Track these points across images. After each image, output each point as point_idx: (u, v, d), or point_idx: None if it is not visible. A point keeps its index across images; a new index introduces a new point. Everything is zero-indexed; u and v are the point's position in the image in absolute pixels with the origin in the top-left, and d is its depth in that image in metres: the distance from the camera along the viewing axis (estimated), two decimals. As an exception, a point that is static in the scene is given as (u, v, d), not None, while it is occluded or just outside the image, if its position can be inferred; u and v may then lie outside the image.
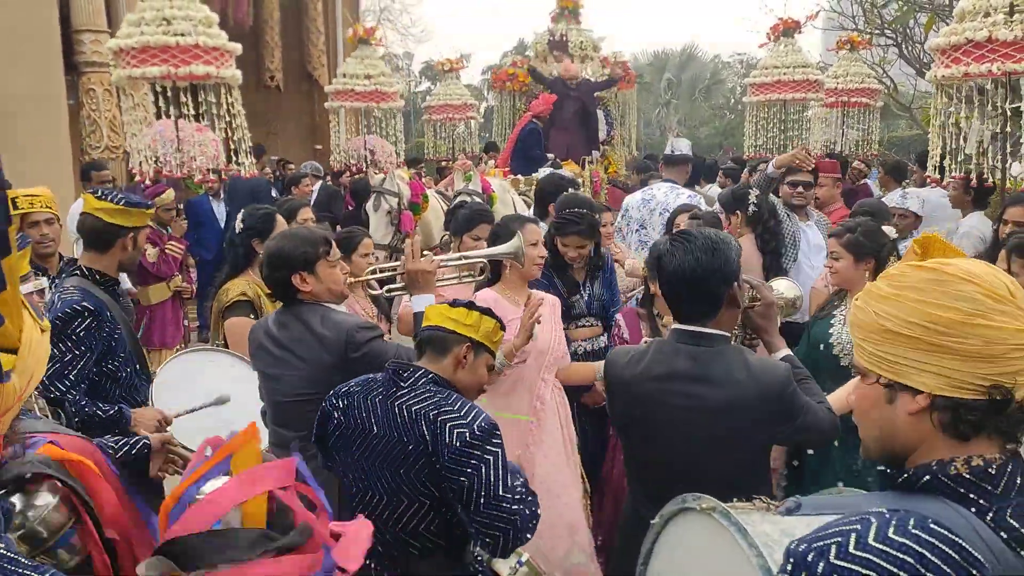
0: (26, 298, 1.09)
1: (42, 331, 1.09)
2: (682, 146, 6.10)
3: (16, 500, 1.28)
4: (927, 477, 1.11)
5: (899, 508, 1.07)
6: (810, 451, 3.17)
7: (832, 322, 3.30)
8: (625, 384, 2.22)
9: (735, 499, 1.51)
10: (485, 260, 3.19)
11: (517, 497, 1.99)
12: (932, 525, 1.03)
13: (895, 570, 1.00)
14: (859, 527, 1.05)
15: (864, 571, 1.01)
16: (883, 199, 6.90)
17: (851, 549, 1.03)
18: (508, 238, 3.15)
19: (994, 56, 4.56)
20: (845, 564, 1.02)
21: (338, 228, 5.97)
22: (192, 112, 5.89)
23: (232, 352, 3.25)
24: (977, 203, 5.09)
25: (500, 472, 1.98)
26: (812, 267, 4.44)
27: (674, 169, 5.84)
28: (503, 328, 2.29)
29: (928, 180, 5.09)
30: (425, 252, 2.89)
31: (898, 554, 1.01)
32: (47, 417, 2.18)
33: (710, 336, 2.11)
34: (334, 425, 2.20)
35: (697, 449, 2.08)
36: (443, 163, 11.37)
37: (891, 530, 1.03)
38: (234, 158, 6.40)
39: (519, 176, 8.19)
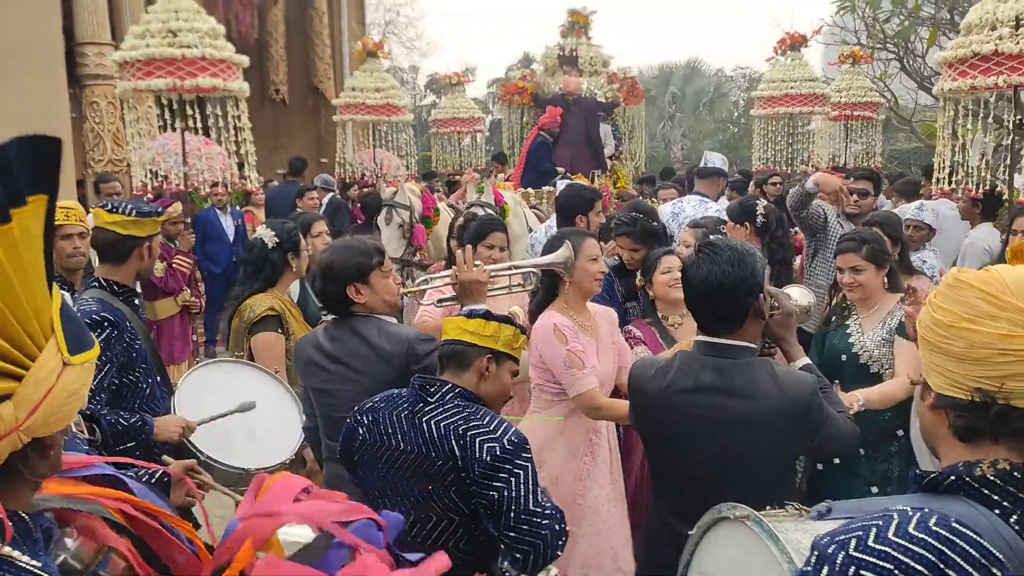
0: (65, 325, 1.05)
1: (64, 364, 1.03)
2: (715, 159, 6.16)
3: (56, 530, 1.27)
4: (952, 478, 1.13)
5: (923, 507, 1.09)
6: (836, 460, 3.15)
7: (849, 332, 3.31)
8: (650, 397, 2.20)
9: (768, 507, 1.54)
10: (535, 270, 3.13)
11: (547, 512, 1.97)
12: (954, 523, 1.04)
13: (914, 564, 1.02)
14: (880, 522, 1.07)
15: (882, 563, 1.03)
16: (894, 210, 6.90)
17: (871, 542, 1.05)
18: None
19: (1000, 69, 4.57)
20: (863, 556, 1.04)
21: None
22: (200, 125, 5.89)
23: (252, 364, 3.22)
24: (985, 215, 5.07)
25: (530, 486, 1.96)
26: None
27: (706, 182, 5.91)
28: (524, 333, 2.27)
29: (937, 192, 5.07)
30: (476, 263, 2.85)
31: (918, 549, 1.03)
32: (83, 433, 2.16)
33: (736, 348, 2.10)
34: (359, 442, 2.17)
35: (724, 462, 2.06)
36: (454, 176, 11.37)
37: (912, 526, 1.05)
38: (240, 171, 6.40)
39: (530, 189, 8.20)
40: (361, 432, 2.17)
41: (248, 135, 5.97)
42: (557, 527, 1.99)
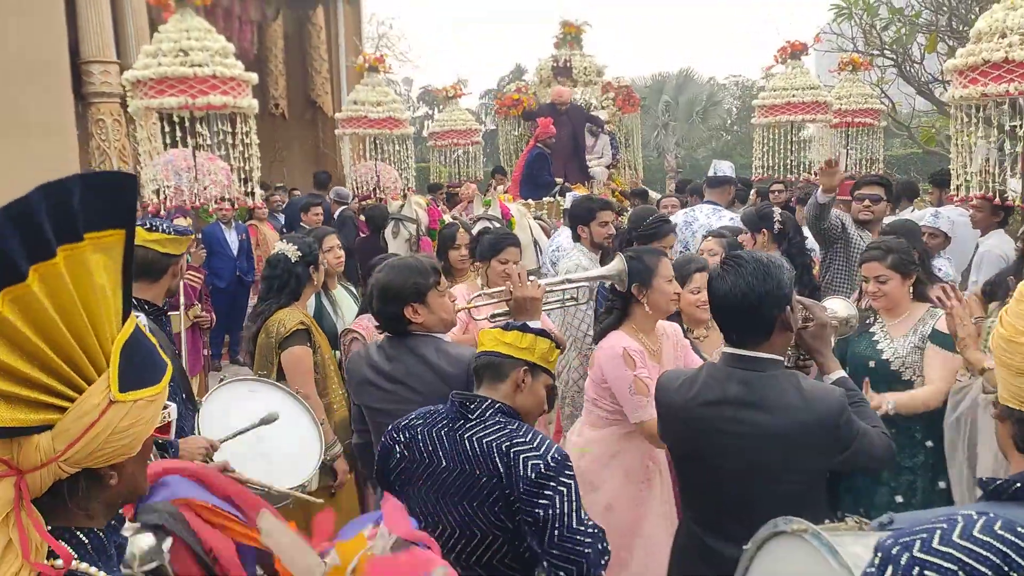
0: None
1: (111, 401, 1.02)
2: (724, 168, 6.17)
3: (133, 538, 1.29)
4: (1018, 485, 1.15)
5: (988, 512, 1.10)
6: None
7: (876, 339, 3.30)
8: (676, 410, 2.20)
9: (827, 520, 1.54)
10: (588, 284, 3.13)
11: (589, 531, 1.97)
12: (1019, 528, 1.05)
13: (977, 566, 1.02)
14: (945, 525, 1.08)
15: (946, 565, 1.03)
16: (904, 217, 6.94)
17: (935, 544, 1.06)
18: (646, 272, 2.99)
19: (1011, 77, 4.61)
20: (928, 558, 1.05)
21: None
22: (208, 142, 5.90)
23: (273, 382, 3.22)
24: (1000, 221, 5.09)
25: (574, 504, 1.96)
26: None
27: (717, 191, 5.92)
28: (560, 348, 2.27)
29: (957, 200, 5.10)
30: (531, 277, 2.85)
31: (982, 551, 1.03)
32: None
33: (762, 361, 2.08)
34: (396, 460, 2.17)
35: (749, 475, 2.05)
36: (453, 189, 11.38)
37: (976, 529, 1.05)
38: (245, 186, 6.39)
39: (529, 200, 8.23)
40: (399, 450, 2.17)
41: (256, 151, 5.99)
42: (600, 546, 1.98)
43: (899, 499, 3.14)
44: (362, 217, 8.57)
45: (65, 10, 8.22)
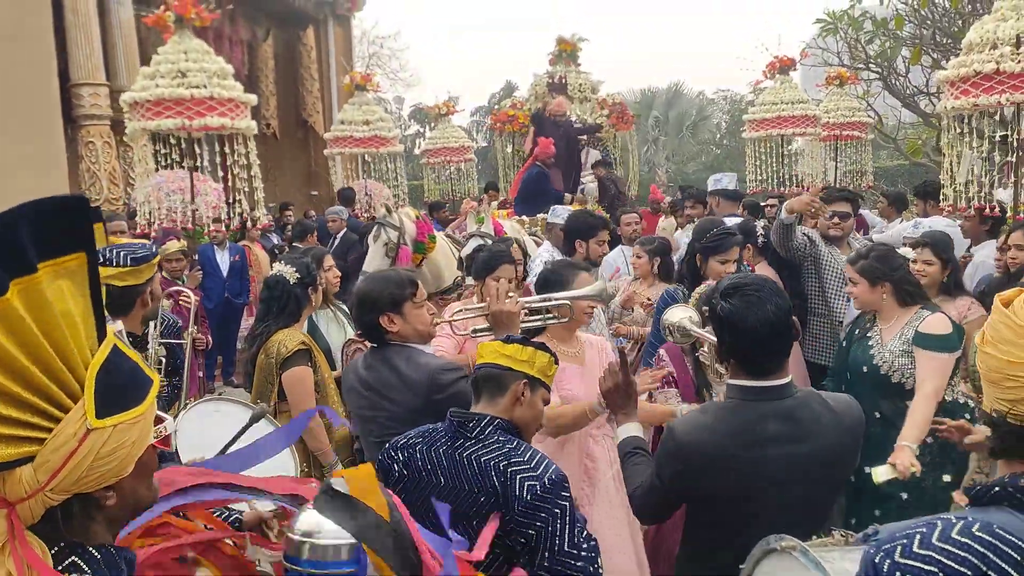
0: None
1: (89, 429, 1.00)
2: (726, 181, 6.29)
3: None
4: (997, 489, 1.15)
5: (967, 515, 1.12)
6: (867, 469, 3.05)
7: (871, 344, 3.35)
8: (710, 460, 1.98)
9: (815, 535, 1.55)
10: (569, 302, 3.14)
11: (582, 554, 1.95)
12: (997, 529, 1.07)
13: (957, 567, 1.05)
14: (925, 530, 1.10)
15: (927, 567, 1.06)
16: (884, 229, 6.99)
17: (915, 548, 1.08)
18: (561, 285, 3.10)
19: (1002, 88, 4.67)
20: (909, 562, 1.08)
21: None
22: (203, 163, 5.90)
23: (237, 400, 3.17)
24: (990, 232, 5.13)
25: (567, 527, 1.95)
26: None
27: (729, 203, 6.00)
28: (557, 362, 2.26)
29: (941, 210, 5.14)
30: (511, 294, 2.86)
31: (961, 552, 1.05)
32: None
33: (787, 386, 1.97)
34: (396, 478, 2.15)
35: (796, 502, 1.98)
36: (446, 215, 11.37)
37: (955, 531, 1.08)
38: (238, 206, 6.38)
39: (524, 217, 8.25)
40: (396, 469, 2.14)
41: (257, 171, 5.98)
42: (592, 568, 1.96)
43: (904, 496, 3.15)
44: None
45: (54, 33, 8.25)
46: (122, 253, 2.75)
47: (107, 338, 1.07)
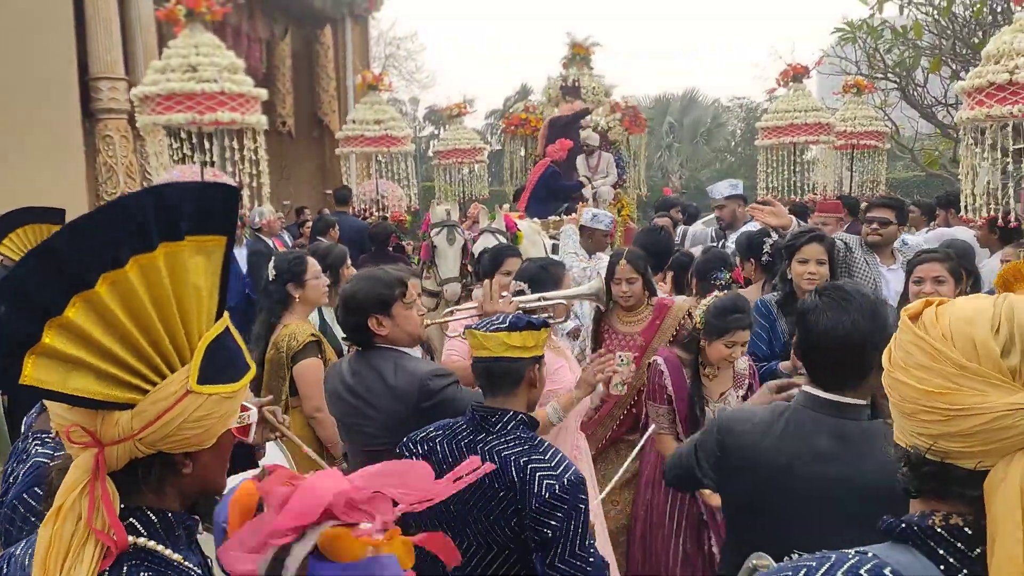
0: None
1: (188, 391, 1.08)
2: (727, 188, 6.41)
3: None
4: (903, 526, 1.04)
5: (867, 552, 1.03)
6: None
7: None
8: (754, 461, 1.89)
9: None
10: (565, 301, 3.12)
11: (590, 559, 1.96)
12: (887, 572, 0.99)
13: None
14: (813, 563, 1.04)
15: None
16: (907, 239, 6.94)
17: None
18: (553, 284, 3.09)
19: (1015, 98, 4.64)
20: None
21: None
22: (211, 158, 5.94)
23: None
24: (1004, 241, 5.10)
25: (582, 529, 1.95)
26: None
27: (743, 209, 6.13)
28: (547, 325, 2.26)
29: (963, 219, 5.10)
30: (504, 294, 2.85)
31: None
32: None
33: (855, 408, 1.83)
34: None
35: (837, 533, 1.81)
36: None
37: (842, 570, 1.00)
38: (252, 204, 6.42)
39: (535, 219, 8.22)
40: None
41: (265, 167, 6.02)
42: (598, 573, 1.97)
43: None
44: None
45: (75, 27, 8.36)
46: None
47: (223, 318, 1.17)
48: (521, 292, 3.17)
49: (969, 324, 0.96)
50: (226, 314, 1.18)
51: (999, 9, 9.95)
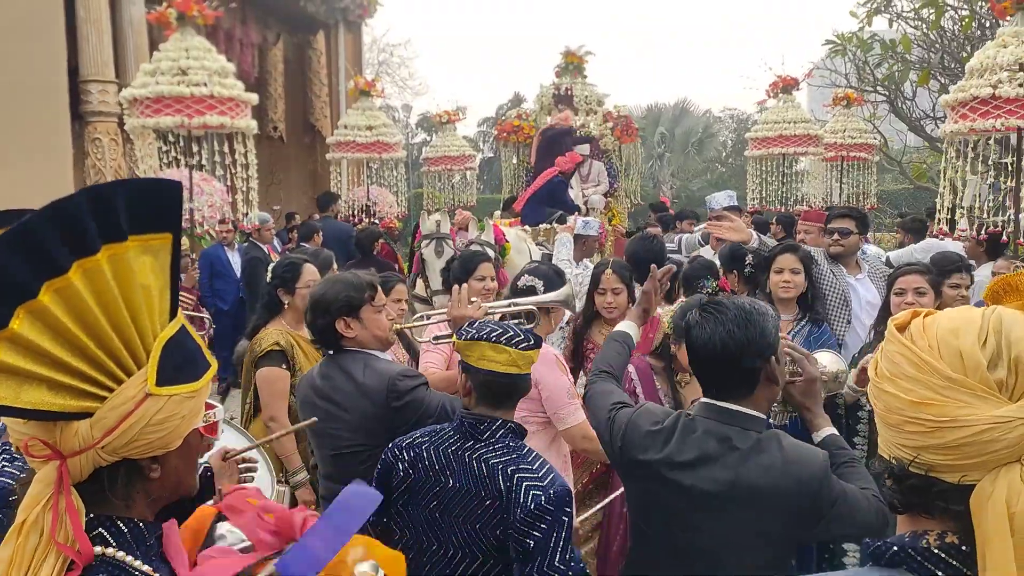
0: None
1: (147, 394, 1.06)
2: (726, 199, 6.49)
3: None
4: (895, 548, 1.00)
5: None
6: None
7: None
8: (645, 465, 1.98)
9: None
10: (535, 307, 3.11)
11: (570, 571, 1.94)
12: None
13: None
14: None
15: None
16: (867, 248, 7.00)
17: None
18: (561, 286, 3.09)
19: (998, 112, 4.69)
20: None
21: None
22: (200, 162, 5.92)
23: (233, 425, 3.16)
24: (990, 254, 5.14)
25: (564, 542, 1.93)
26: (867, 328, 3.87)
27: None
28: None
29: (938, 232, 5.13)
30: (473, 299, 2.84)
31: None
32: None
33: (745, 417, 1.90)
34: (400, 478, 2.13)
35: (721, 542, 1.89)
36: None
37: None
38: (243, 208, 6.40)
39: (527, 227, 8.22)
40: (402, 468, 2.12)
41: (253, 172, 6.00)
42: None
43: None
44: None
45: (65, 29, 8.32)
46: None
47: (177, 317, 1.14)
48: (534, 290, 3.17)
49: (956, 336, 0.96)
50: (180, 313, 1.16)
51: (987, 24, 10.05)
